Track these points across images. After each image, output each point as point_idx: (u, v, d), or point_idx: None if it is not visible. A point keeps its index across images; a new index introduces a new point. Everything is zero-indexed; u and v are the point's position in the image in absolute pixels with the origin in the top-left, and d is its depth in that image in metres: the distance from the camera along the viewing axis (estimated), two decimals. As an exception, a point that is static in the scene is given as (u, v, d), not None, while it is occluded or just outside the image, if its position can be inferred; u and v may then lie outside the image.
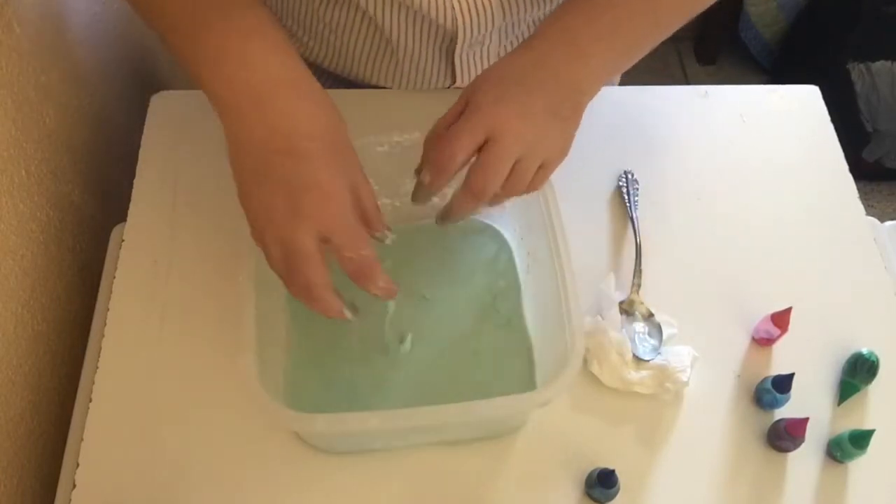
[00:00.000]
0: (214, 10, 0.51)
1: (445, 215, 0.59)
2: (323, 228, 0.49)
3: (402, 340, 0.63)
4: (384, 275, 0.52)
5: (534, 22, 0.74)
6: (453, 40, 0.70)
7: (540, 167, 0.55)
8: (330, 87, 0.80)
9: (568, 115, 0.55)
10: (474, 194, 0.54)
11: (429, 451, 0.60)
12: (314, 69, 0.79)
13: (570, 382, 0.52)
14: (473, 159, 0.53)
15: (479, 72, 0.72)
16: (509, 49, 0.74)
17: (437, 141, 0.54)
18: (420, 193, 0.57)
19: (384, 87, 0.78)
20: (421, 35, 0.70)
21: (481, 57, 0.74)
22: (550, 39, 0.56)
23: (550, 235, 0.58)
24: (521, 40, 0.73)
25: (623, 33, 0.57)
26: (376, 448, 0.60)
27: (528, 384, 0.61)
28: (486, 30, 0.69)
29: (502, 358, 0.63)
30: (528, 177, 0.55)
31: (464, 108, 0.54)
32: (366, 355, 0.63)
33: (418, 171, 0.56)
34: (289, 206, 0.49)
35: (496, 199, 0.56)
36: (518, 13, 0.69)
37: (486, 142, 0.52)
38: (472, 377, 0.62)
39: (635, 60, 0.60)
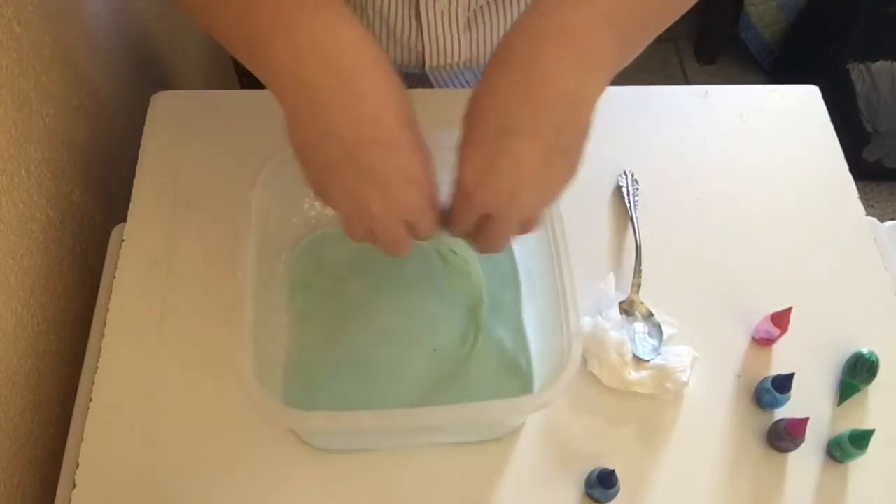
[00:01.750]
0: None
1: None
2: (415, 219, 0.48)
3: (402, 341, 0.63)
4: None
5: None
6: None
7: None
8: None
9: (568, 145, 0.48)
10: (487, 251, 0.52)
11: (429, 450, 0.60)
12: None
13: (565, 387, 0.51)
14: None
15: (447, 32, 0.71)
16: (477, 14, 0.72)
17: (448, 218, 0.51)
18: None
19: None
20: None
21: (448, 17, 0.71)
22: (535, 38, 0.46)
23: (551, 237, 0.58)
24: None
25: (626, 10, 0.48)
26: (375, 448, 0.60)
27: (527, 387, 0.61)
28: None
29: (501, 360, 0.63)
30: (540, 221, 0.51)
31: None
32: (365, 355, 0.63)
33: None
34: (385, 201, 0.47)
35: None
36: None
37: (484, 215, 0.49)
38: (471, 379, 0.62)
39: (644, 45, 0.51)
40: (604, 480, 0.56)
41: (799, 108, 0.80)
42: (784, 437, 0.59)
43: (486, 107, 0.46)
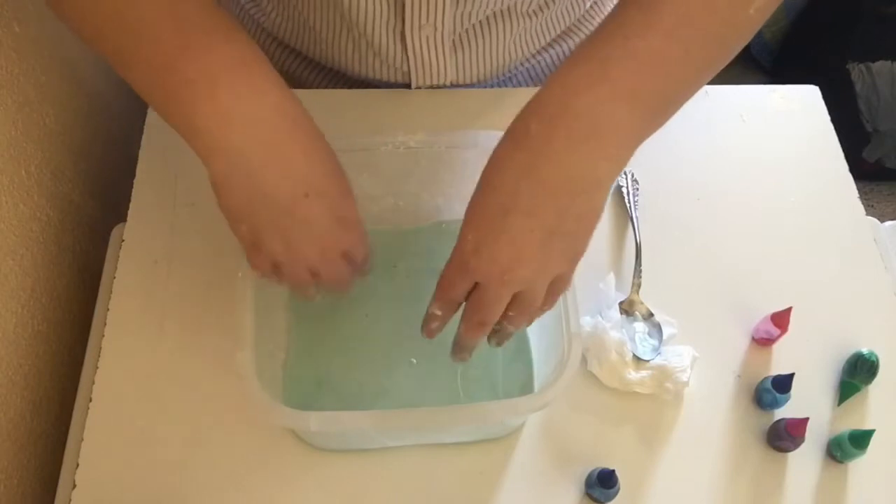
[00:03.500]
0: (195, 40, 0.44)
1: (457, 350, 0.54)
2: (352, 250, 0.51)
3: (402, 342, 0.63)
4: None
5: (493, 14, 0.71)
6: (403, 12, 0.67)
7: (552, 283, 0.49)
8: (303, 74, 0.81)
9: (572, 229, 0.47)
10: (475, 326, 0.51)
11: (429, 450, 0.60)
12: (284, 49, 0.79)
13: (564, 388, 0.51)
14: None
15: (433, 56, 0.71)
16: (463, 37, 0.72)
17: (438, 282, 0.51)
18: (430, 324, 0.54)
19: (344, 69, 0.77)
20: (373, 6, 0.67)
21: (434, 41, 0.71)
22: (551, 119, 0.45)
23: None
24: (475, 27, 0.70)
25: (650, 86, 0.46)
26: (376, 448, 0.60)
27: (527, 387, 0.61)
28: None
29: (502, 361, 0.63)
30: (535, 303, 0.50)
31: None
32: (366, 355, 0.63)
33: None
34: (321, 245, 0.49)
35: (507, 333, 0.52)
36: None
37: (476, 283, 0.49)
38: (472, 380, 0.62)
39: (671, 116, 0.49)
40: (604, 480, 0.56)
41: (799, 108, 0.80)
42: (784, 437, 0.59)
43: (493, 183, 0.47)
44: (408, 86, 0.77)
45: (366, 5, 0.66)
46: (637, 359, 0.62)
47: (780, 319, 0.63)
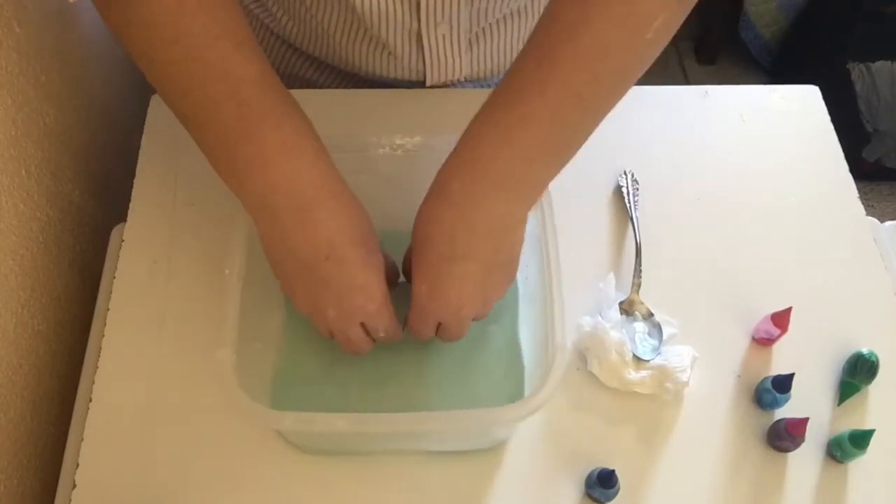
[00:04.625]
0: (253, 126, 0.52)
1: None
2: (369, 321, 0.55)
3: (398, 347, 0.62)
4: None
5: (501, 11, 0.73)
6: (419, 11, 0.69)
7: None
8: (315, 76, 0.82)
9: (504, 261, 0.55)
10: (448, 341, 0.59)
11: (429, 450, 0.60)
12: (295, 52, 0.80)
13: (544, 401, 0.51)
14: None
15: (449, 54, 0.74)
16: (479, 35, 0.74)
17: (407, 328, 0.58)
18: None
19: (358, 70, 0.78)
20: (388, 8, 0.69)
21: (450, 40, 0.73)
22: (467, 179, 0.52)
23: (543, 249, 0.57)
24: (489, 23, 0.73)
25: (549, 141, 0.52)
26: (373, 452, 0.60)
27: (518, 397, 0.60)
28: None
29: (494, 369, 0.62)
30: (487, 313, 0.58)
31: None
32: (362, 359, 0.62)
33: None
34: (338, 307, 0.54)
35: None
36: None
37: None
38: (463, 387, 0.61)
39: (572, 156, 0.55)
40: (604, 480, 0.56)
41: (799, 108, 0.80)
42: (784, 436, 0.59)
43: (431, 236, 0.53)
44: (422, 83, 0.77)
45: (380, 6, 0.67)
46: (637, 359, 0.62)
47: (780, 319, 0.63)
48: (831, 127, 0.79)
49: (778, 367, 0.64)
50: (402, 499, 0.58)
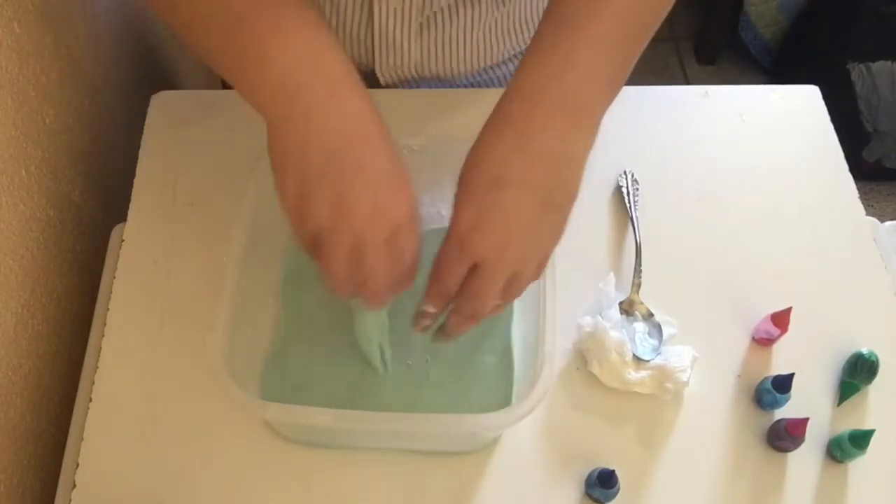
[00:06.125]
0: (255, 8, 0.47)
1: (443, 335, 0.55)
2: (399, 232, 0.48)
3: (397, 343, 0.62)
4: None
5: None
6: None
7: (529, 271, 0.51)
8: None
9: (560, 202, 0.50)
10: (467, 318, 0.52)
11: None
12: None
13: (529, 409, 0.51)
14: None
15: (398, 34, 0.72)
16: (430, 20, 0.72)
17: (431, 272, 0.51)
18: (420, 320, 0.54)
19: None
20: None
21: (401, 17, 0.71)
22: (529, 100, 0.49)
23: None
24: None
25: (610, 66, 0.51)
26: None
27: (508, 403, 0.60)
28: None
29: (486, 371, 0.62)
30: (526, 283, 0.52)
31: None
32: (352, 352, 0.61)
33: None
34: (374, 202, 0.46)
35: (497, 310, 0.53)
36: None
37: (473, 266, 0.49)
38: (454, 387, 0.61)
39: (621, 87, 0.54)
40: (604, 480, 0.56)
41: (799, 108, 0.80)
42: (784, 437, 0.59)
43: (482, 160, 0.49)
44: (372, 71, 0.76)
45: None
46: (637, 359, 0.62)
47: (780, 319, 0.63)
48: (831, 127, 0.79)
49: (778, 368, 0.64)
50: (402, 497, 0.58)
